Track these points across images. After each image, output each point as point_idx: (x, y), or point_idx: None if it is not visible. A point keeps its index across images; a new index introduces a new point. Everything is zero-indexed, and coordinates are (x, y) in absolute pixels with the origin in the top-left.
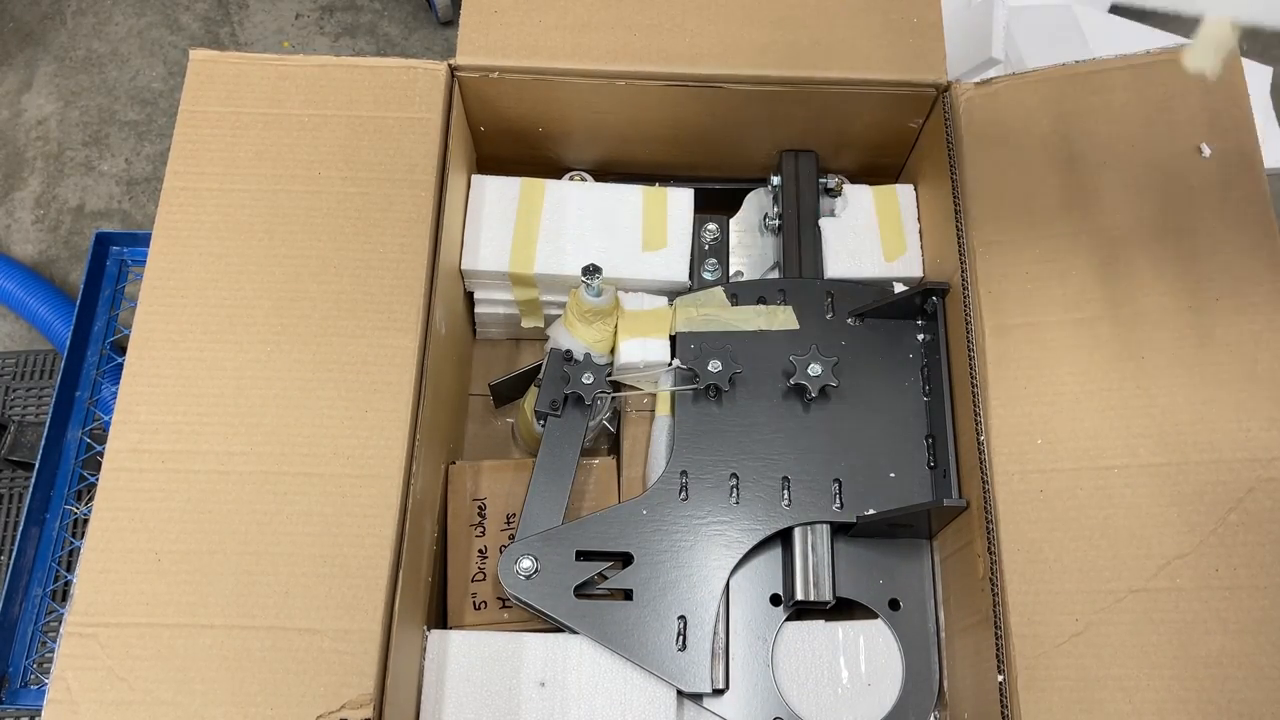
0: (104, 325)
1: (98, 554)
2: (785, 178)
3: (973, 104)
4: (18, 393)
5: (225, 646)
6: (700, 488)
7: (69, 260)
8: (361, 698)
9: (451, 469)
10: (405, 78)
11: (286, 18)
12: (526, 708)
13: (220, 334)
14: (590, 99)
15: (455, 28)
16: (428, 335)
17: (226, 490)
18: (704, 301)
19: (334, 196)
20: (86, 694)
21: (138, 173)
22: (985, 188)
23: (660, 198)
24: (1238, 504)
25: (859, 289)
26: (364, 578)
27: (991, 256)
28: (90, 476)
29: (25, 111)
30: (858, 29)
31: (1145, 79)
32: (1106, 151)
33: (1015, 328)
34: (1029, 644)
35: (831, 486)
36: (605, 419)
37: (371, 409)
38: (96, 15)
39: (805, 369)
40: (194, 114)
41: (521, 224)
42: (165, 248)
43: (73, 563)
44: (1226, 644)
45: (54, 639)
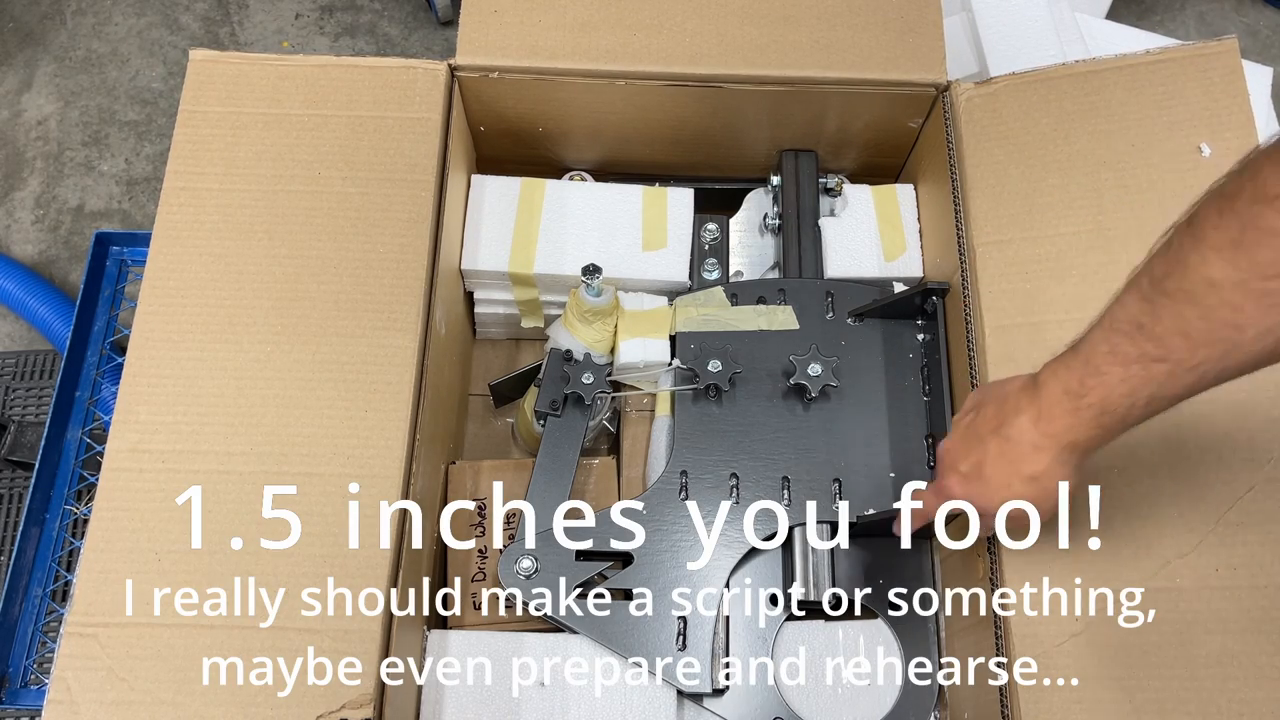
0: (104, 325)
1: (98, 554)
2: (785, 178)
3: (973, 104)
4: (18, 393)
5: (225, 646)
6: (700, 488)
7: (69, 260)
8: (361, 698)
9: (451, 469)
10: (405, 78)
11: (286, 18)
12: (526, 708)
13: (220, 334)
14: (590, 99)
15: (455, 28)
16: (427, 335)
17: (226, 490)
18: (704, 301)
19: (334, 196)
20: (86, 694)
21: (138, 173)
22: (985, 188)
23: (660, 198)
24: (1237, 504)
25: (859, 289)
26: (364, 577)
27: (991, 256)
28: (90, 476)
29: (25, 111)
30: (858, 29)
31: (1145, 79)
32: (1106, 151)
33: (1015, 328)
34: (1029, 644)
35: (831, 486)
36: (605, 419)
37: (371, 409)
38: (96, 15)
39: (805, 369)
40: (194, 114)
41: (521, 224)
42: (165, 248)
43: (73, 563)
44: (1226, 644)
45: (54, 639)
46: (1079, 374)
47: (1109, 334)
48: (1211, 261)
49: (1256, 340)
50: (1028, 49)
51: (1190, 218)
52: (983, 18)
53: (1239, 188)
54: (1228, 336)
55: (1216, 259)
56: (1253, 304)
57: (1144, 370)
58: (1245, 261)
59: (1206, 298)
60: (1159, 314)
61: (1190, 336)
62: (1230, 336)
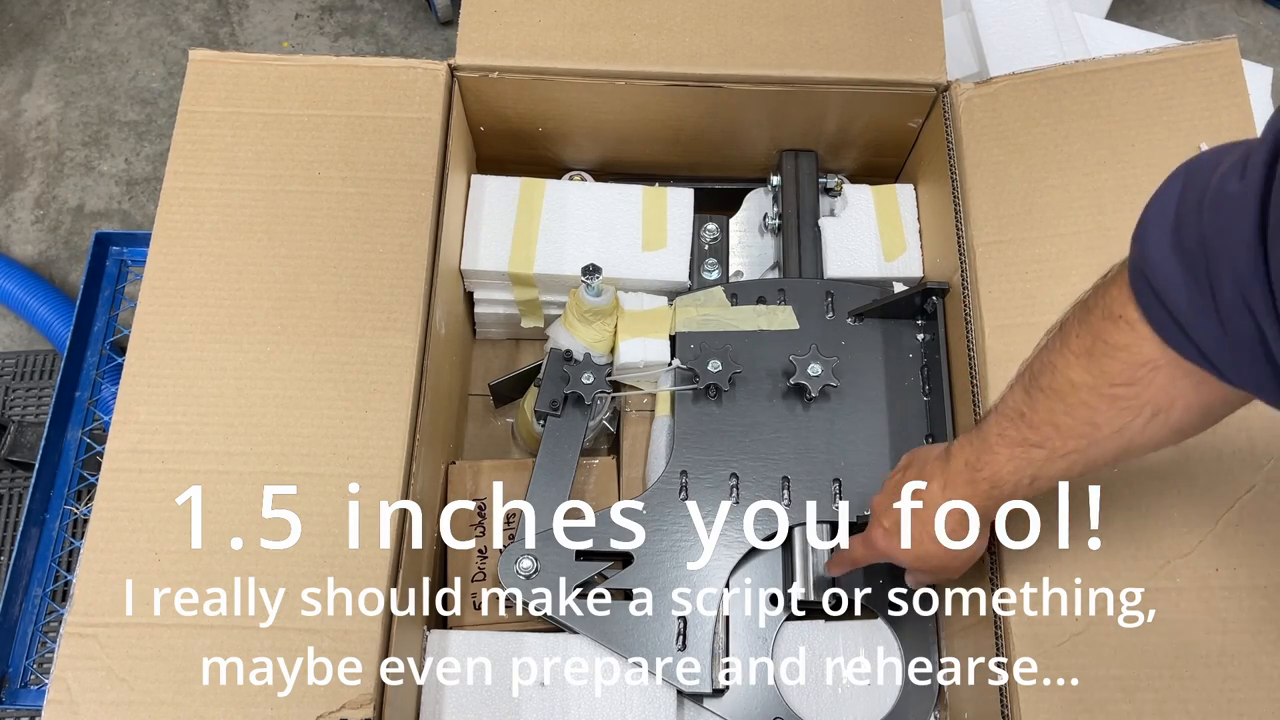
0: (104, 325)
1: (98, 554)
2: (785, 177)
3: (973, 104)
4: (18, 393)
5: (225, 646)
6: (700, 487)
7: (69, 260)
8: (361, 698)
9: (451, 469)
10: (405, 78)
11: (286, 18)
12: (526, 708)
13: (220, 334)
14: (590, 99)
15: (455, 28)
16: (427, 335)
17: (226, 490)
18: (704, 301)
19: (334, 196)
20: (86, 694)
21: (137, 173)
22: (985, 188)
23: (660, 198)
24: (1237, 504)
25: (859, 289)
26: (364, 577)
27: (991, 256)
28: (90, 476)
29: (25, 111)
30: (858, 29)
31: (1145, 79)
32: (1106, 151)
33: (1015, 328)
34: (1029, 644)
35: (831, 486)
36: (605, 419)
37: (371, 409)
38: (96, 15)
39: (805, 369)
40: (194, 114)
41: (521, 224)
42: (165, 248)
43: (73, 563)
44: (1226, 644)
45: (54, 639)
46: (977, 450)
47: (999, 419)
48: (1073, 365)
49: (1112, 437)
50: (1028, 49)
51: (1061, 324)
52: (983, 18)
53: (1095, 303)
54: (1088, 432)
55: (1076, 364)
56: (1106, 405)
57: (1025, 453)
58: (1097, 369)
59: (1069, 396)
60: (1035, 406)
61: (1059, 428)
62: (1090, 432)
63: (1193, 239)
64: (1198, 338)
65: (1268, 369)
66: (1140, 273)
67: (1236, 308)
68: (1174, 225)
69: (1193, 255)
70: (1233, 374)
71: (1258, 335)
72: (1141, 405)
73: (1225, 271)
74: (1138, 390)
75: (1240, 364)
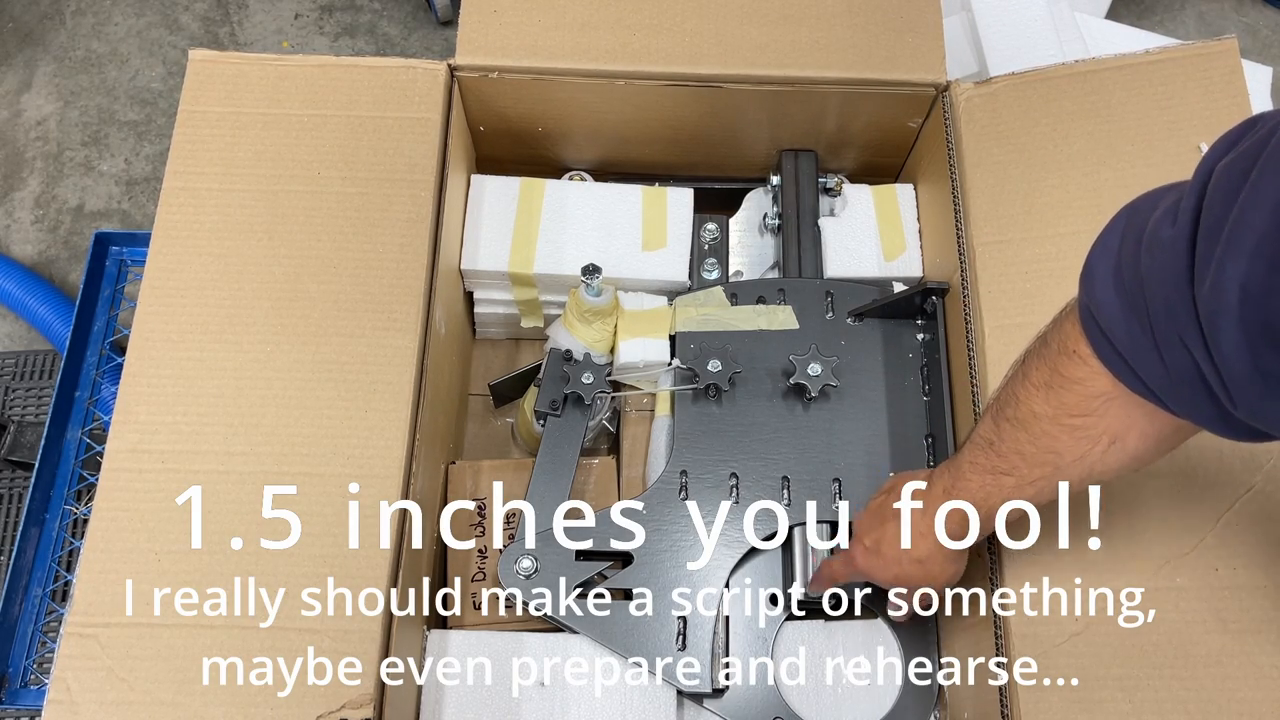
0: (104, 325)
1: (98, 554)
2: (785, 177)
3: (972, 104)
4: (18, 393)
5: (225, 646)
6: (700, 487)
7: (69, 260)
8: (361, 698)
9: (451, 469)
10: (405, 78)
11: (286, 18)
12: (526, 708)
13: (220, 334)
14: (590, 99)
15: (455, 28)
16: (427, 335)
17: (226, 490)
18: (704, 301)
19: (334, 196)
20: (86, 694)
21: (137, 173)
22: (985, 188)
23: (660, 198)
24: (1237, 504)
25: (859, 289)
26: (364, 577)
27: (991, 256)
28: (90, 476)
29: (25, 111)
30: (857, 29)
31: (1145, 79)
32: (1106, 151)
33: (1015, 328)
34: (1029, 644)
35: (831, 486)
36: (605, 419)
37: (371, 409)
38: (96, 15)
39: (805, 369)
40: (194, 114)
41: (521, 224)
42: (165, 248)
43: (73, 563)
44: (1226, 644)
45: (54, 639)
46: (952, 477)
47: (972, 448)
48: (1034, 397)
49: (1074, 464)
50: (1027, 49)
51: (1023, 357)
52: (983, 18)
53: (1052, 337)
54: (1051, 460)
55: (1037, 395)
56: (1065, 435)
57: (995, 481)
58: (1056, 401)
59: (1032, 426)
60: (1003, 435)
61: (1025, 456)
62: (1053, 460)
63: (1132, 279)
64: (1142, 372)
65: (1208, 401)
66: (1088, 310)
67: (1174, 344)
68: (1115, 266)
69: (1133, 295)
70: (1176, 406)
71: (1195, 370)
72: (1099, 435)
73: (1161, 311)
74: (1094, 420)
75: (1181, 397)
